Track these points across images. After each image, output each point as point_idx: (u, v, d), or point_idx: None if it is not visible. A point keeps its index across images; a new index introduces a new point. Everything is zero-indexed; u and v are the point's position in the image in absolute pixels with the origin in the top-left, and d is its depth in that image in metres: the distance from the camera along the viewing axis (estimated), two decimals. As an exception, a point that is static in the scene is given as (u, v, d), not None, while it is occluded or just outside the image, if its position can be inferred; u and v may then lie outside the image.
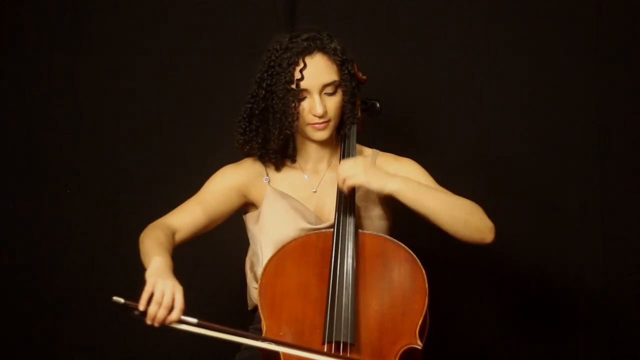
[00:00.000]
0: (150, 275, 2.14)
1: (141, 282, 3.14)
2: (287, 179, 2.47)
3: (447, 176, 3.07)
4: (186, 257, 3.10)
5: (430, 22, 3.10)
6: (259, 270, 2.40)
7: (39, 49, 3.21)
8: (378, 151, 2.53)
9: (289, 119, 2.35)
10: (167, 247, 2.28)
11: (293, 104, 2.34)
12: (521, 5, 3.05)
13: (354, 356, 2.18)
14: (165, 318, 2.08)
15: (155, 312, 2.08)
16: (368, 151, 2.53)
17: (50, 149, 3.22)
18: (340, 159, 2.43)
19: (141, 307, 2.08)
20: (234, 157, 2.52)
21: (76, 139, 3.22)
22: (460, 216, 2.30)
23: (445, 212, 2.29)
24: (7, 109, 3.23)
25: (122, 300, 2.06)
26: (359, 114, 2.48)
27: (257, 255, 2.45)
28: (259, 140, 2.42)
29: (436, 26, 3.10)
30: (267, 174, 2.47)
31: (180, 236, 2.40)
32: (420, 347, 2.21)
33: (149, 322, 2.09)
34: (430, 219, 2.29)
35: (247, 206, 2.50)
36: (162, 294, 2.09)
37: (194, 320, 2.09)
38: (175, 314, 2.09)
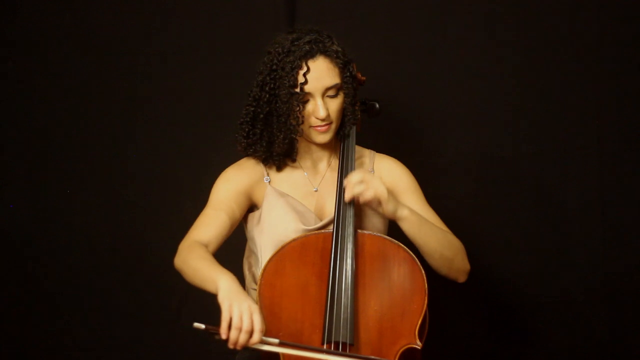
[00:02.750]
0: (224, 300, 2.10)
1: (140, 284, 3.17)
2: (287, 178, 2.48)
3: (446, 176, 3.09)
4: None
5: (430, 22, 3.10)
6: (258, 272, 2.40)
7: (39, 48, 3.21)
8: (374, 152, 2.54)
9: (294, 123, 2.35)
10: (217, 263, 2.24)
11: (297, 108, 2.34)
12: (521, 5, 3.05)
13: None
14: (247, 342, 2.07)
15: (237, 338, 2.07)
16: (365, 152, 2.53)
17: (50, 149, 3.22)
18: (340, 159, 2.43)
19: (223, 335, 2.07)
20: (234, 156, 2.52)
21: (76, 139, 3.22)
22: (447, 256, 2.36)
23: (436, 250, 2.34)
24: (7, 108, 3.23)
25: (202, 327, 2.05)
26: (359, 115, 2.48)
27: (256, 256, 2.45)
28: (264, 144, 2.42)
29: (436, 26, 3.09)
30: (268, 174, 2.47)
31: (211, 250, 2.33)
32: (419, 347, 2.21)
33: (231, 347, 2.08)
34: (421, 250, 2.33)
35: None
36: (241, 319, 2.07)
37: (276, 341, 2.10)
38: (256, 337, 2.07)
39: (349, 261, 2.27)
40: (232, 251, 2.66)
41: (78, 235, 3.21)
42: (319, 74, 2.34)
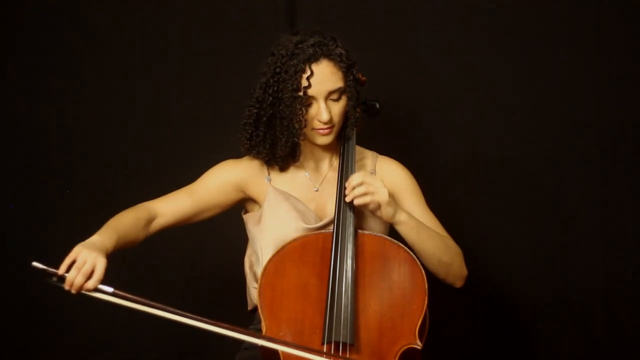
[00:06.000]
0: (77, 246, 2.17)
1: (140, 283, 3.17)
2: (289, 178, 2.48)
3: (446, 176, 3.09)
4: (185, 257, 3.13)
5: (431, 21, 3.10)
6: (259, 271, 2.40)
7: (39, 48, 3.21)
8: (377, 154, 2.54)
9: (297, 127, 2.35)
10: (122, 231, 2.30)
11: (300, 111, 2.34)
12: (521, 5, 3.05)
13: (354, 357, 2.18)
14: (82, 285, 2.11)
15: (74, 278, 2.11)
16: (367, 153, 2.53)
17: (50, 149, 3.22)
18: (340, 161, 2.43)
19: (60, 271, 2.11)
20: (236, 157, 2.52)
21: (76, 138, 3.22)
22: (445, 261, 2.36)
23: (434, 255, 2.34)
24: (7, 108, 3.23)
25: (41, 266, 2.08)
26: (360, 116, 2.47)
27: (257, 255, 2.45)
28: (267, 146, 2.41)
29: (436, 26, 3.10)
30: (269, 174, 2.47)
31: (161, 222, 2.42)
32: (419, 347, 2.22)
33: (66, 287, 2.12)
34: (419, 254, 2.33)
35: (246, 204, 2.51)
36: (84, 262, 2.12)
37: (110, 289, 2.12)
38: (92, 282, 2.12)
39: (349, 261, 2.27)
40: (233, 250, 2.67)
41: (78, 235, 3.20)
42: (323, 77, 2.34)
